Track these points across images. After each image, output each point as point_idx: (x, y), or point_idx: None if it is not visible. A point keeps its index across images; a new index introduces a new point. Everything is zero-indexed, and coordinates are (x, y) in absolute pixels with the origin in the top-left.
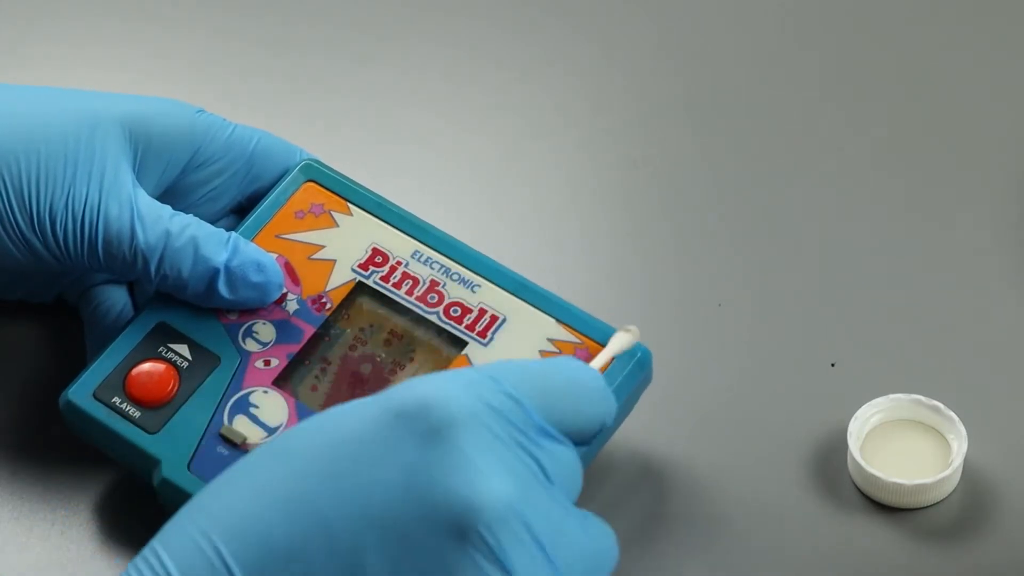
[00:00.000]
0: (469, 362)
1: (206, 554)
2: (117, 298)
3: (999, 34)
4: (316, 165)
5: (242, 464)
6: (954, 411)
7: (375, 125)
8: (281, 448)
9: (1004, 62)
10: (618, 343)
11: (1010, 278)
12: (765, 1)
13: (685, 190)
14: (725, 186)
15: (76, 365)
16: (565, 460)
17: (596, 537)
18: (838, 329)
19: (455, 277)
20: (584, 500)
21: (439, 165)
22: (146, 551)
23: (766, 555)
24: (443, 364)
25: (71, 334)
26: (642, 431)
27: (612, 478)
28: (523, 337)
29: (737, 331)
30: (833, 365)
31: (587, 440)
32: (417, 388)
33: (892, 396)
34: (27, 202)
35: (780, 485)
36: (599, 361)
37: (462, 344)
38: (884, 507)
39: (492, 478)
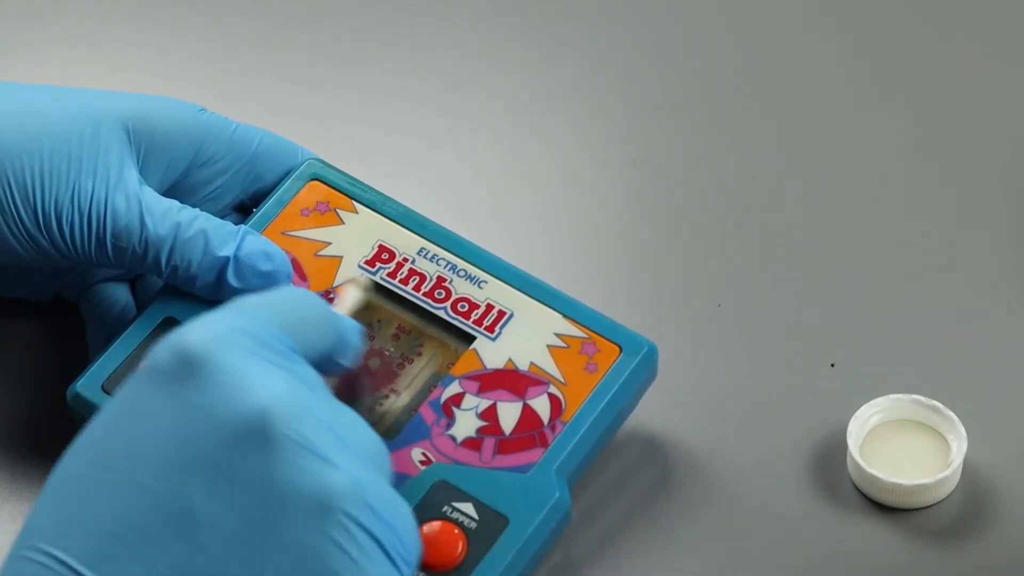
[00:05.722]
0: (478, 356)
1: (46, 566)
2: (119, 296)
3: (999, 34)
4: (321, 163)
5: (49, 480)
6: (954, 411)
7: (375, 125)
8: (75, 447)
9: (1004, 63)
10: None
11: (1010, 278)
12: (766, 1)
13: (685, 190)
14: (725, 186)
15: (76, 364)
16: (314, 376)
17: (372, 433)
18: (838, 329)
19: (462, 274)
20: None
21: (439, 164)
22: None
23: (765, 555)
24: (451, 358)
25: (70, 333)
26: (642, 430)
27: (611, 478)
28: (531, 331)
29: (737, 331)
30: (833, 365)
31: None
32: (165, 339)
33: (892, 396)
34: (31, 199)
35: (780, 485)
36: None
37: (470, 338)
38: (884, 507)
39: (270, 381)
